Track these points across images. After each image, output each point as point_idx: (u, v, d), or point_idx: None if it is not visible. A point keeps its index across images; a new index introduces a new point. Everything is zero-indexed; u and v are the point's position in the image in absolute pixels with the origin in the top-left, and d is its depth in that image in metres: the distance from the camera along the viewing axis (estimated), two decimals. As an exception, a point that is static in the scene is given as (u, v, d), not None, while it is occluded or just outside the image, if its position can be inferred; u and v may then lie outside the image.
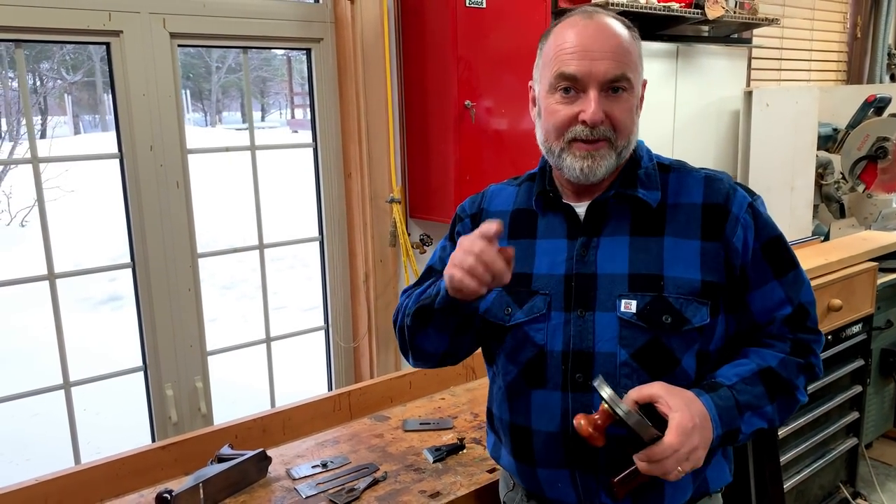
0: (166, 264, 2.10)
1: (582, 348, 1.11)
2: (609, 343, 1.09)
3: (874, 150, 3.28)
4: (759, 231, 1.13)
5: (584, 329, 1.11)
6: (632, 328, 1.09)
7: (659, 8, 2.79)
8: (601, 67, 1.07)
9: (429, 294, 1.17)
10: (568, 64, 1.08)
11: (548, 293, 1.14)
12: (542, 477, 1.17)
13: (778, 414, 1.10)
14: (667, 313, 1.08)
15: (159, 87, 2.01)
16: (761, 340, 1.15)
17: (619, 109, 1.09)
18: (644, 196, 1.13)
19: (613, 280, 1.11)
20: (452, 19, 2.15)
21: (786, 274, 1.14)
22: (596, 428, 0.98)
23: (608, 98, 1.08)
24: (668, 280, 1.09)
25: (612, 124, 1.09)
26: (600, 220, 1.15)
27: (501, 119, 2.31)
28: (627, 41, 1.10)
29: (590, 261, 1.13)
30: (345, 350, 2.52)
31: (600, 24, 1.10)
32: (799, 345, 1.14)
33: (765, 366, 1.10)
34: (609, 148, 1.10)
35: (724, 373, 1.10)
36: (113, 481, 1.55)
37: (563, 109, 1.10)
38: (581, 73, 1.07)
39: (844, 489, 2.85)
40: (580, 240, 1.14)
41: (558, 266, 1.14)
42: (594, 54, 1.07)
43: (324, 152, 2.38)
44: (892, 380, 3.10)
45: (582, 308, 1.11)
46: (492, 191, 1.32)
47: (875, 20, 4.38)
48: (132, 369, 2.15)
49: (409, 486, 1.50)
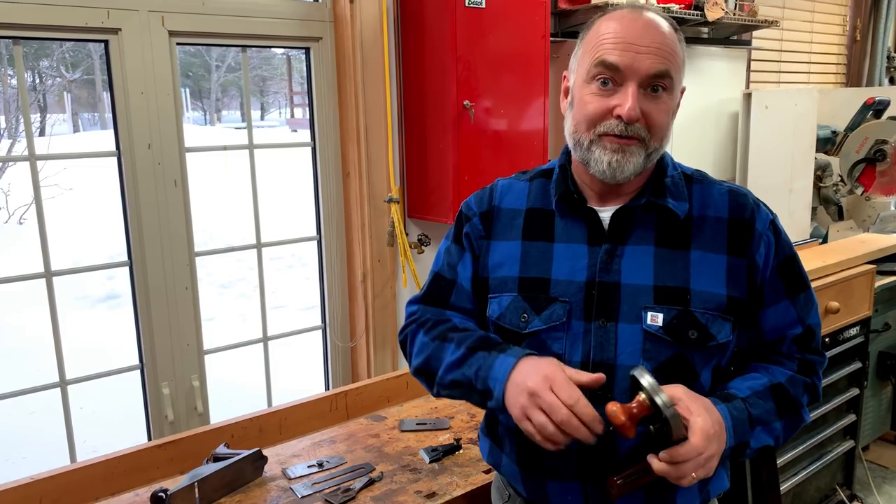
0: (163, 263, 2.09)
1: (602, 360, 1.06)
2: (632, 356, 1.05)
3: (873, 152, 3.29)
4: (779, 249, 1.11)
5: (605, 340, 1.07)
6: (657, 342, 1.05)
7: (658, 9, 2.78)
8: (645, 62, 1.02)
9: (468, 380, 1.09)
10: (610, 53, 1.03)
11: (567, 301, 1.09)
12: (550, 488, 1.13)
13: (783, 431, 1.09)
14: (693, 328, 1.05)
15: (158, 85, 2.01)
16: (770, 357, 1.14)
17: (657, 110, 1.04)
18: (674, 206, 1.09)
19: (638, 291, 1.07)
20: (452, 19, 2.15)
21: (798, 294, 1.13)
22: (630, 417, 0.94)
23: (647, 96, 1.04)
24: (694, 294, 1.06)
25: (647, 124, 1.04)
26: (625, 227, 1.10)
27: (500, 119, 2.31)
28: (674, 41, 1.06)
29: (614, 269, 1.08)
30: (342, 349, 2.52)
31: (648, 20, 1.05)
32: (805, 365, 1.14)
33: (775, 382, 1.09)
34: (640, 147, 1.05)
35: (736, 385, 1.08)
36: (108, 480, 1.55)
37: (597, 101, 1.05)
38: (623, 64, 1.02)
39: (841, 492, 2.85)
40: (605, 247, 1.09)
41: (579, 273, 1.10)
42: (639, 48, 1.02)
43: (322, 152, 2.37)
44: (890, 382, 3.10)
45: (604, 318, 1.07)
46: (501, 186, 1.24)
47: (875, 23, 4.38)
48: (129, 367, 2.15)
49: (405, 486, 1.49)
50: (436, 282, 1.26)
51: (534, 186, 1.21)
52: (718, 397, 1.04)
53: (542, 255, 1.13)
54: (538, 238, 1.15)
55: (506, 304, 1.14)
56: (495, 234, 1.19)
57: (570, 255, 1.12)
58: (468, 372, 1.10)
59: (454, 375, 1.12)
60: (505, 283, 1.15)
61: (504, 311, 1.14)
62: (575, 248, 1.12)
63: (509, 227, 1.18)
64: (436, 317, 1.22)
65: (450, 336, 1.16)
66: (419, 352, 1.19)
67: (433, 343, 1.17)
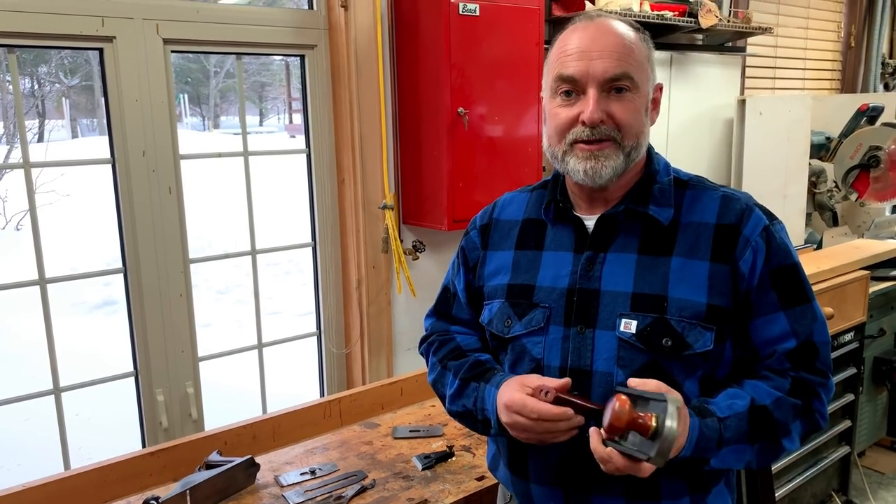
0: (158, 269, 2.09)
1: (580, 366, 1.07)
2: (607, 363, 1.06)
3: (867, 158, 3.30)
4: (771, 256, 1.06)
5: (582, 346, 1.08)
6: (630, 349, 1.05)
7: (652, 16, 2.80)
8: (599, 66, 1.04)
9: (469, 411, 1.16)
10: (567, 66, 1.06)
11: (548, 307, 1.11)
12: (534, 493, 1.16)
13: (757, 458, 1.03)
14: (667, 336, 1.04)
15: (152, 92, 2.02)
16: (760, 373, 1.08)
17: (622, 109, 1.05)
18: (655, 213, 1.09)
19: (616, 298, 1.07)
20: (446, 27, 2.16)
21: (794, 306, 1.07)
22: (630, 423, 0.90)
23: (610, 98, 1.05)
24: (671, 301, 1.04)
25: (615, 123, 1.05)
26: (609, 234, 1.11)
27: (494, 126, 2.32)
28: (630, 40, 1.07)
29: (594, 276, 1.09)
30: (337, 356, 2.52)
31: (600, 25, 1.07)
32: (801, 385, 1.06)
33: (759, 404, 1.03)
34: (615, 148, 1.06)
35: (718, 402, 1.03)
36: (101, 487, 1.55)
37: (563, 112, 1.07)
38: (579, 74, 1.05)
39: (837, 498, 2.85)
40: (586, 254, 1.11)
41: (561, 279, 1.11)
42: (592, 54, 1.04)
43: (317, 158, 2.38)
44: (885, 388, 3.11)
45: (582, 324, 1.08)
46: (504, 200, 1.29)
47: (869, 29, 4.40)
48: (123, 374, 2.15)
49: (397, 493, 1.50)
50: (443, 294, 1.35)
51: (533, 197, 1.25)
52: (694, 409, 1.01)
53: (531, 262, 1.16)
54: (529, 247, 1.18)
55: (495, 311, 1.18)
56: (492, 245, 1.24)
57: (556, 262, 1.14)
58: (468, 403, 1.17)
59: (457, 407, 1.20)
60: (496, 290, 1.19)
61: (493, 317, 1.18)
62: (561, 256, 1.14)
63: (505, 238, 1.23)
64: (441, 338, 1.30)
65: (449, 365, 1.23)
66: (430, 370, 1.29)
67: (438, 367, 1.26)
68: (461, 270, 1.29)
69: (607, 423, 0.92)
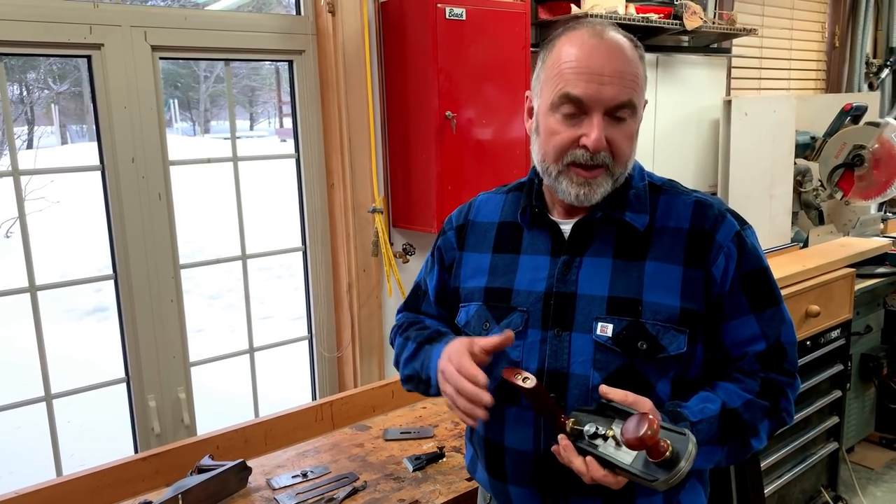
0: (148, 276, 2.10)
1: (557, 368, 1.09)
2: (583, 365, 1.07)
3: (851, 157, 3.33)
4: (742, 261, 1.09)
5: (559, 349, 1.09)
6: (606, 352, 1.07)
7: (638, 19, 2.83)
8: (609, 93, 1.03)
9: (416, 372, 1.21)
10: (574, 85, 1.03)
11: (526, 310, 1.12)
12: (513, 494, 1.16)
13: (726, 458, 1.06)
14: (643, 339, 1.05)
15: (141, 99, 2.02)
16: (731, 375, 1.11)
17: (621, 136, 1.06)
18: (631, 220, 1.11)
19: (592, 301, 1.08)
20: (433, 31, 2.18)
21: (764, 309, 1.10)
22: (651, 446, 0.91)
23: (610, 124, 1.05)
24: (646, 305, 1.06)
25: (612, 151, 1.06)
26: (585, 239, 1.13)
27: (482, 129, 2.33)
28: (636, 64, 1.06)
29: (570, 280, 1.10)
30: (328, 360, 2.53)
31: (611, 45, 1.05)
32: (769, 385, 1.09)
33: (729, 407, 1.06)
34: (606, 175, 1.07)
35: (691, 406, 1.06)
36: (93, 493, 1.55)
37: (564, 131, 1.06)
38: (587, 97, 1.03)
39: (826, 493, 2.88)
40: (563, 258, 1.12)
41: (539, 283, 1.13)
42: (603, 78, 1.03)
43: (306, 163, 2.39)
44: (873, 384, 3.14)
45: (559, 328, 1.10)
46: (479, 200, 1.30)
47: (853, 29, 4.45)
48: (115, 381, 2.15)
49: (389, 494, 1.51)
50: (414, 290, 1.38)
51: (508, 200, 1.26)
52: (669, 415, 1.02)
53: (508, 266, 1.17)
54: (506, 250, 1.19)
55: (472, 313, 1.19)
56: (468, 247, 1.25)
57: (533, 266, 1.15)
58: (416, 365, 1.21)
59: (408, 370, 1.24)
60: (473, 293, 1.20)
61: (469, 320, 1.20)
62: (538, 260, 1.15)
63: (482, 240, 1.24)
64: (410, 319, 1.34)
65: (412, 335, 1.27)
66: (395, 351, 1.32)
67: (400, 340, 1.30)
68: (435, 269, 1.31)
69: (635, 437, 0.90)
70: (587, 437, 0.99)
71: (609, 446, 0.97)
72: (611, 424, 0.98)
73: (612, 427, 0.98)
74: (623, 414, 0.98)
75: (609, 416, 1.00)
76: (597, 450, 0.97)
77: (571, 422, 1.02)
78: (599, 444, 0.98)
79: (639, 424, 0.90)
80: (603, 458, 0.96)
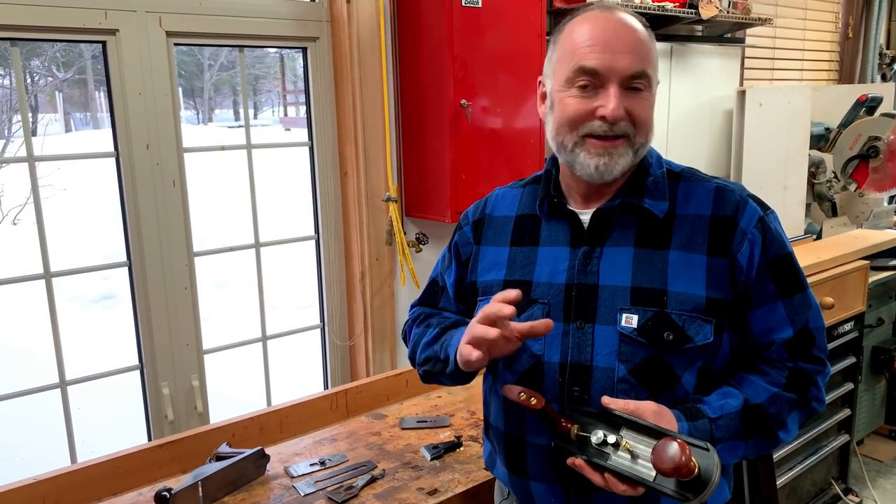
0: (162, 263, 2.09)
1: (580, 361, 1.07)
2: (608, 357, 1.06)
3: (866, 149, 3.31)
4: (767, 247, 1.07)
5: (582, 341, 1.07)
6: (632, 343, 1.05)
7: (653, 8, 2.80)
8: (623, 62, 1.02)
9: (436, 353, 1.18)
10: (588, 58, 1.03)
11: (546, 302, 1.10)
12: (534, 491, 1.15)
13: (753, 451, 1.06)
14: (669, 330, 1.04)
15: (155, 85, 2.01)
16: (758, 365, 1.10)
17: (640, 106, 1.05)
18: (650, 206, 1.09)
19: (615, 292, 1.07)
20: (448, 18, 2.16)
21: (791, 295, 1.08)
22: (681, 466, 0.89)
23: (627, 95, 1.04)
24: (671, 295, 1.05)
25: (632, 120, 1.04)
26: (605, 229, 1.11)
27: (497, 118, 2.32)
28: (647, 38, 1.07)
29: (592, 271, 1.09)
30: (341, 348, 2.53)
31: (621, 20, 1.06)
32: (797, 375, 1.08)
33: (752, 402, 1.05)
34: (627, 145, 1.06)
35: (711, 402, 1.05)
36: (111, 480, 1.55)
37: (578, 103, 1.05)
38: (602, 67, 1.03)
39: (836, 486, 2.87)
40: (583, 249, 1.10)
41: (559, 275, 1.11)
42: (616, 48, 1.03)
43: (320, 151, 2.38)
44: (884, 377, 3.13)
45: (581, 320, 1.08)
46: (496, 195, 1.29)
47: (867, 20, 4.41)
48: (128, 368, 2.15)
49: (408, 483, 1.51)
50: (430, 286, 1.37)
51: (525, 193, 1.24)
52: (685, 411, 1.02)
53: (526, 258, 1.16)
54: (525, 243, 1.18)
55: None
56: (485, 241, 1.24)
57: (553, 257, 1.13)
58: (437, 347, 1.19)
59: (427, 353, 1.22)
60: (491, 286, 1.18)
61: None
62: (558, 251, 1.13)
63: (499, 234, 1.22)
64: (427, 312, 1.34)
65: (432, 322, 1.27)
66: (411, 341, 1.30)
67: (418, 330, 1.28)
68: (453, 265, 1.29)
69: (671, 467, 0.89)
70: (594, 446, 0.98)
71: (623, 458, 0.96)
72: (618, 431, 0.98)
73: (623, 436, 0.97)
74: (628, 422, 0.97)
75: (614, 423, 0.99)
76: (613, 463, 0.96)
77: (576, 428, 1.01)
78: (610, 452, 0.97)
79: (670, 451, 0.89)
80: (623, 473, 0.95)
